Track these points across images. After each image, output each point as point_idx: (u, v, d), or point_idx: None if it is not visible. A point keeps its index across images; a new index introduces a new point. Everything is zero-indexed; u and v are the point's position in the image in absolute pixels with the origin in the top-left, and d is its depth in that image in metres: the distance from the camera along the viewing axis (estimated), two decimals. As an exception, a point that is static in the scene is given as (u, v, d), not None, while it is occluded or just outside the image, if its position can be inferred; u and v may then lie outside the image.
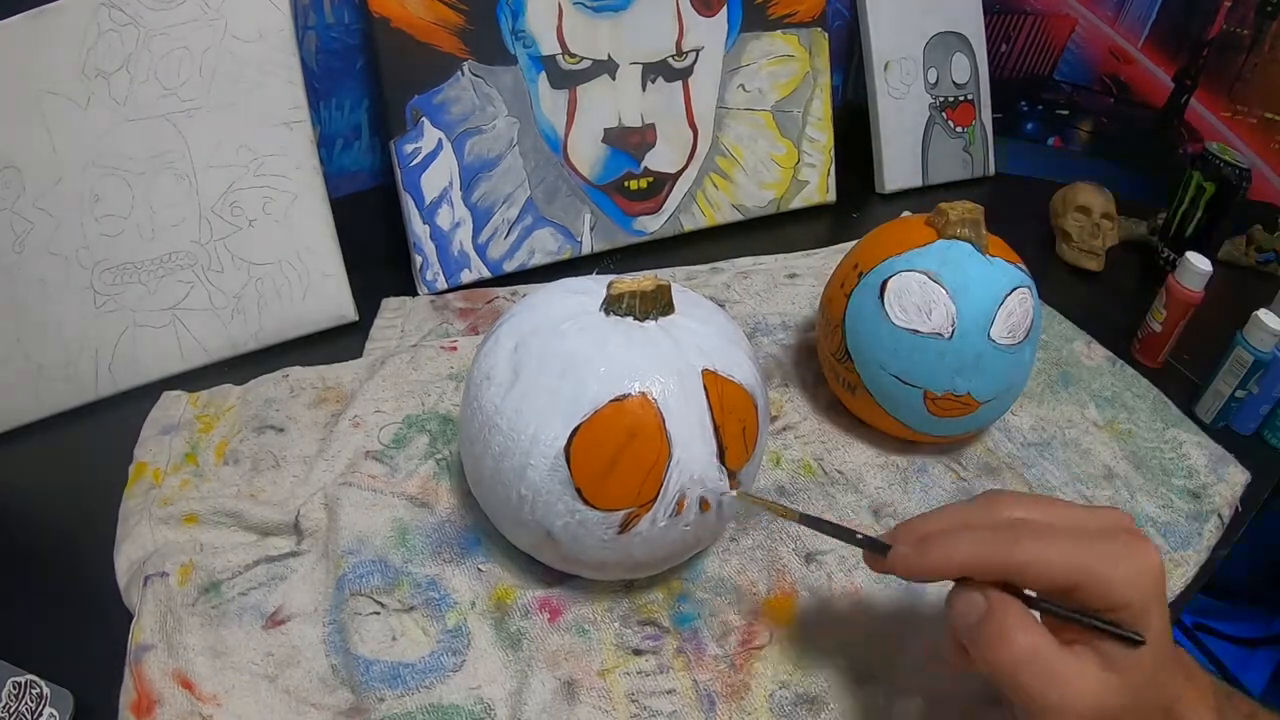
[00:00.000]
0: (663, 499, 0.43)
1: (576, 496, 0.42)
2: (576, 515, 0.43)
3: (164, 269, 0.63)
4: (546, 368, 0.43)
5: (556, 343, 0.44)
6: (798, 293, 0.76)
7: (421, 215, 0.72)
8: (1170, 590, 0.54)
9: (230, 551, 0.50)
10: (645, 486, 0.42)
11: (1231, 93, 0.96)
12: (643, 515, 0.43)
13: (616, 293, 0.45)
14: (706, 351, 0.45)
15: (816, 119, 0.89)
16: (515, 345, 0.45)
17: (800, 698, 0.46)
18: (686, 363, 0.44)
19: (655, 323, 0.45)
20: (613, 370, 0.43)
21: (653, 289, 0.45)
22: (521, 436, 0.43)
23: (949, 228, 0.56)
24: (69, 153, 0.58)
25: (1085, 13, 0.99)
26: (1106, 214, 0.86)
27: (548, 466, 0.42)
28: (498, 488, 0.45)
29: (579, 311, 0.46)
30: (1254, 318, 0.64)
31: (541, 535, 0.45)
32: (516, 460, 0.43)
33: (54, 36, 0.56)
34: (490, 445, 0.44)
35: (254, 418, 0.59)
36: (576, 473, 0.42)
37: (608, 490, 0.42)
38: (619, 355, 0.43)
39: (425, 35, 0.70)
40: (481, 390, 0.45)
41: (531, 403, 0.43)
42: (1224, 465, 0.63)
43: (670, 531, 0.44)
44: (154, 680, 0.43)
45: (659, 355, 0.44)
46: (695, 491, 0.44)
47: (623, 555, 0.45)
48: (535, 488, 0.43)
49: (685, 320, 0.46)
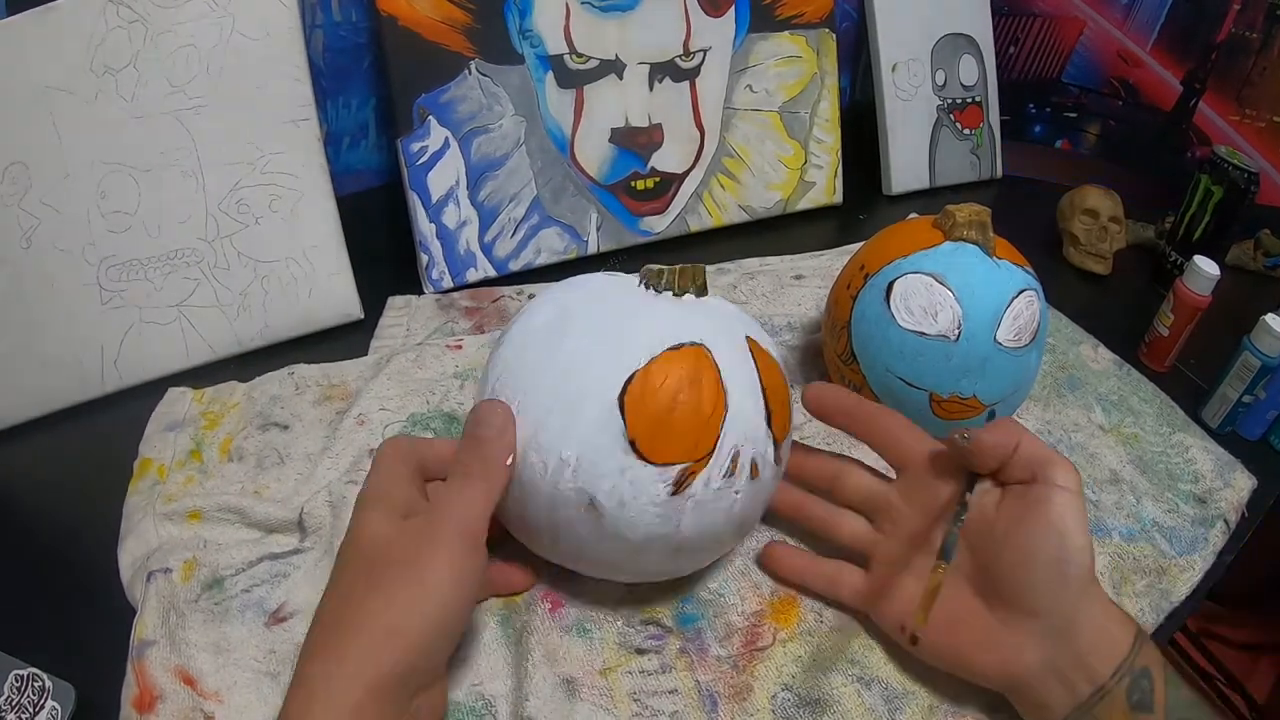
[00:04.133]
0: (718, 455, 0.41)
1: (629, 450, 0.40)
2: (627, 473, 0.40)
3: (170, 266, 0.63)
4: (595, 326, 0.43)
5: (603, 305, 0.44)
6: (804, 294, 0.75)
7: (428, 214, 0.73)
8: (1176, 596, 0.54)
9: (233, 548, 0.50)
10: (702, 439, 0.41)
11: (1240, 96, 0.96)
12: (698, 472, 0.41)
13: (655, 270, 0.45)
14: (745, 323, 0.46)
15: (824, 120, 0.88)
16: (556, 313, 0.44)
17: (803, 700, 0.46)
18: (730, 328, 0.44)
19: (693, 298, 0.46)
20: (664, 324, 0.42)
21: (689, 266, 0.45)
22: (568, 392, 0.41)
23: (956, 230, 0.56)
24: (76, 149, 0.58)
25: (1094, 15, 0.98)
26: (1114, 217, 0.86)
27: (598, 419, 0.40)
28: (531, 457, 0.41)
29: (619, 286, 0.46)
30: (1261, 322, 0.64)
31: (581, 508, 0.41)
32: (561, 419, 0.41)
33: (62, 33, 0.56)
34: (528, 411, 0.41)
35: (259, 415, 0.60)
36: (631, 423, 0.40)
37: (663, 442, 0.40)
38: (668, 313, 0.43)
39: (433, 34, 0.70)
40: (517, 359, 0.43)
41: (580, 357, 0.41)
42: (1230, 470, 0.62)
43: (722, 497, 0.42)
44: (156, 676, 0.43)
45: (705, 318, 0.44)
46: (748, 451, 0.42)
47: (670, 527, 0.42)
48: (582, 446, 0.40)
49: (718, 303, 0.47)
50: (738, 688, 0.46)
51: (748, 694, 0.46)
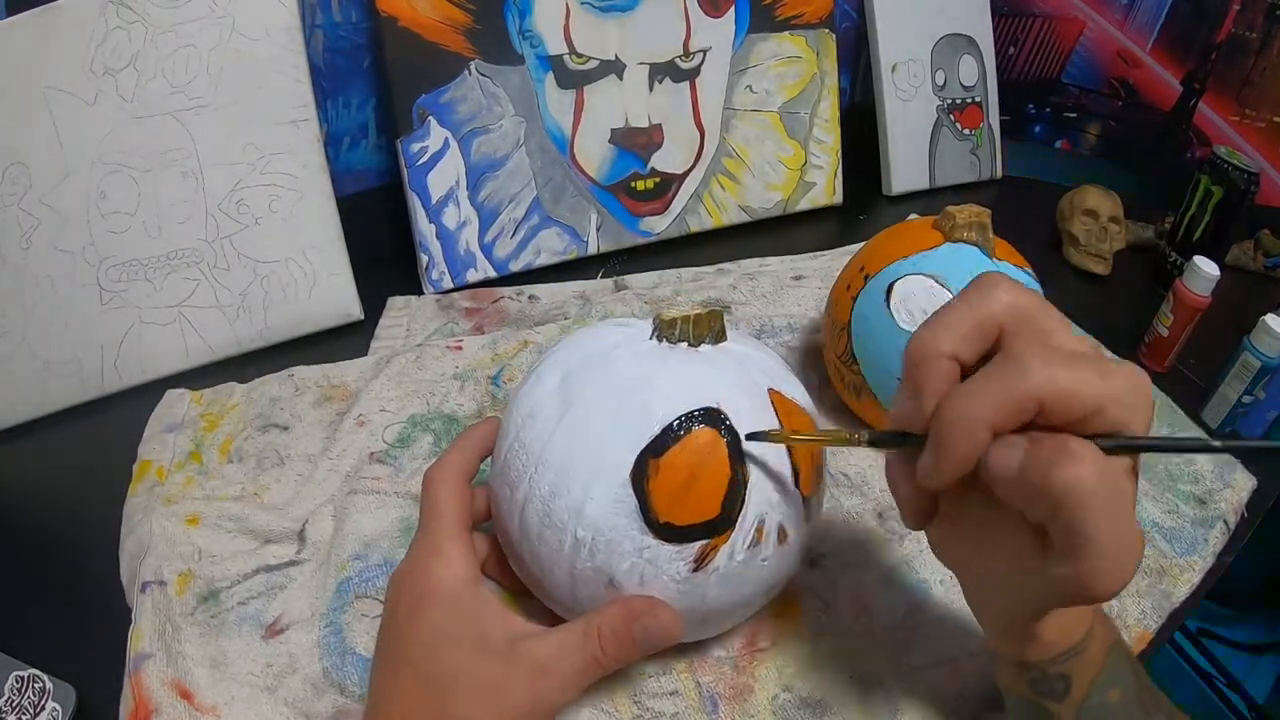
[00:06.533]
0: (740, 527, 0.39)
1: (646, 530, 0.38)
2: (646, 553, 0.38)
3: (170, 266, 0.63)
4: (603, 393, 0.39)
5: (611, 368, 0.40)
6: (804, 295, 0.75)
7: (428, 214, 0.72)
8: (1176, 597, 0.54)
9: (229, 560, 0.50)
10: (722, 512, 0.38)
11: (1240, 96, 0.96)
12: (720, 546, 0.39)
13: (668, 318, 0.42)
14: (768, 373, 0.42)
15: (824, 120, 0.88)
16: (562, 377, 0.41)
17: (803, 701, 0.46)
18: (752, 381, 0.41)
19: (711, 347, 0.42)
20: (676, 387, 0.39)
21: (705, 313, 0.42)
22: (577, 469, 0.38)
23: (956, 231, 0.56)
24: (76, 149, 0.58)
25: (1094, 15, 0.98)
26: (1114, 217, 0.86)
27: (612, 498, 0.38)
28: (547, 536, 0.39)
29: (628, 340, 0.43)
30: (1261, 323, 0.64)
31: (601, 586, 0.39)
32: (573, 498, 0.38)
33: (62, 33, 0.56)
34: (538, 487, 0.39)
35: (258, 416, 0.60)
36: (646, 501, 0.38)
37: (681, 519, 0.38)
38: (682, 373, 0.40)
39: (433, 34, 0.70)
40: (524, 430, 0.41)
41: (588, 430, 0.39)
42: (1230, 471, 0.62)
43: (749, 568, 0.40)
44: (152, 689, 0.43)
45: (723, 374, 0.41)
46: (774, 518, 0.40)
47: (695, 600, 0.40)
48: (596, 526, 0.38)
49: (739, 346, 0.44)
50: (738, 689, 0.46)
51: (748, 695, 0.46)
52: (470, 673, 0.38)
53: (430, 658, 0.38)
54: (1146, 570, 0.54)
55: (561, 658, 0.38)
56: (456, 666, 0.38)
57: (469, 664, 0.38)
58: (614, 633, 0.39)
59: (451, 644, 0.38)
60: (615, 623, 0.39)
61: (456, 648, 0.38)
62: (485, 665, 0.38)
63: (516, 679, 0.37)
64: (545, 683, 0.38)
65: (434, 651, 0.38)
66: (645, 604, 0.39)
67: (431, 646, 0.38)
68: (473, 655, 0.38)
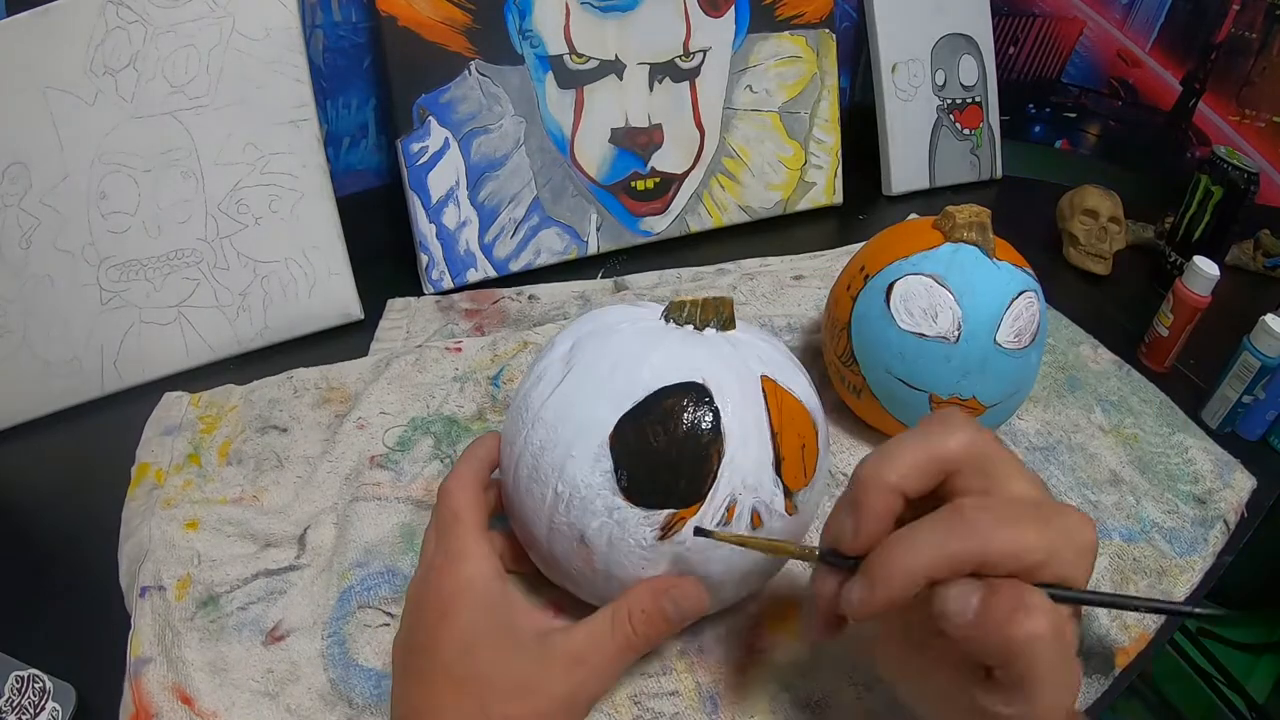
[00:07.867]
0: (710, 502, 0.39)
1: (617, 491, 0.39)
2: (615, 514, 0.39)
3: (170, 266, 0.63)
4: (599, 361, 0.42)
5: (612, 339, 0.43)
6: (804, 295, 0.75)
7: (428, 214, 0.72)
8: (1176, 597, 0.54)
9: (228, 564, 0.50)
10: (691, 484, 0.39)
11: (1240, 96, 0.96)
12: (687, 518, 0.39)
13: (678, 301, 0.44)
14: (766, 361, 0.43)
15: (823, 120, 0.88)
16: (571, 345, 0.44)
17: (803, 701, 0.46)
18: (745, 367, 0.42)
19: (715, 332, 0.44)
20: (667, 361, 0.41)
21: (714, 299, 0.44)
22: (565, 427, 0.40)
23: (956, 231, 0.56)
24: (76, 149, 0.58)
25: (1094, 15, 0.98)
26: (1114, 217, 0.86)
27: (590, 458, 0.39)
28: (533, 489, 0.41)
29: (639, 317, 0.45)
30: (1261, 323, 0.64)
31: (573, 543, 0.41)
32: (557, 454, 0.40)
33: (62, 33, 0.56)
34: (531, 442, 0.41)
35: (257, 418, 0.59)
36: (618, 464, 0.39)
37: (650, 485, 0.39)
38: (675, 349, 0.42)
39: (432, 34, 0.70)
40: (530, 391, 0.43)
41: (579, 393, 0.41)
42: (1230, 471, 0.62)
43: (717, 547, 0.40)
44: (152, 694, 0.43)
45: (717, 355, 0.42)
46: (747, 500, 0.40)
47: (659, 571, 0.41)
48: (574, 483, 0.40)
49: (745, 336, 0.45)
50: (738, 689, 0.46)
51: (748, 695, 0.46)
52: (505, 670, 0.38)
53: (464, 659, 0.38)
54: (1146, 570, 0.55)
55: (595, 646, 0.39)
56: (492, 665, 0.38)
57: (504, 661, 0.38)
58: (643, 611, 0.39)
59: (486, 643, 0.39)
60: (643, 602, 0.40)
61: (491, 646, 0.39)
62: (520, 661, 0.38)
63: (553, 672, 0.38)
64: (582, 672, 0.38)
65: (469, 652, 0.38)
66: (667, 580, 0.40)
67: (466, 647, 0.39)
68: (507, 652, 0.39)
